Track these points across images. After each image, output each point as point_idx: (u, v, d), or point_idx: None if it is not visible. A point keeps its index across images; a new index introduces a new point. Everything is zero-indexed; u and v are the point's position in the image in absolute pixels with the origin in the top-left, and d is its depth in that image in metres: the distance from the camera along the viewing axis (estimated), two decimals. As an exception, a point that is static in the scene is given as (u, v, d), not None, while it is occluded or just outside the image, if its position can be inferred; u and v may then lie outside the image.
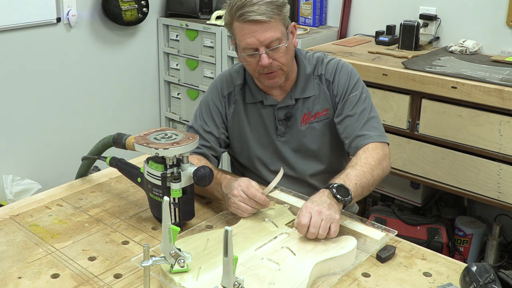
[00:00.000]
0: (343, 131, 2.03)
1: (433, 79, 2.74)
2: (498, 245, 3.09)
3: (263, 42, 1.88)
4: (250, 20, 1.86)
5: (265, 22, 1.86)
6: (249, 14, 1.85)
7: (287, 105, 2.07)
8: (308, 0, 3.84)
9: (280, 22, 1.91)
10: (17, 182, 3.58)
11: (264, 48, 1.89)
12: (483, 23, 3.20)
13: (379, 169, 1.88)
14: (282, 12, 1.92)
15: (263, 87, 2.08)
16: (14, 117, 3.60)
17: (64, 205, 1.93)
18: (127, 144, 1.83)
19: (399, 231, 1.74)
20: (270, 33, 1.88)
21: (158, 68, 4.41)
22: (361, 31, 3.75)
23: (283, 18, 1.92)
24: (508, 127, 2.58)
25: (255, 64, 1.94)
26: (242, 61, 2.00)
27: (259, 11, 1.85)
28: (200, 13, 4.13)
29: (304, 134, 2.10)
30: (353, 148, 1.98)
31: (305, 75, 2.07)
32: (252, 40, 1.88)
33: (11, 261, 1.59)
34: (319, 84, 2.08)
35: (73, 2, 3.73)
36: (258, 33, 1.87)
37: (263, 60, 1.89)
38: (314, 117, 2.08)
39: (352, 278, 1.52)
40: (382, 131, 2.03)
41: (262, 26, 1.87)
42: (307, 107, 2.08)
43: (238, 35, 1.92)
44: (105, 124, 4.10)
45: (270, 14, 1.86)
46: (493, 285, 1.31)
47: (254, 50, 1.90)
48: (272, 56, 1.91)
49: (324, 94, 2.08)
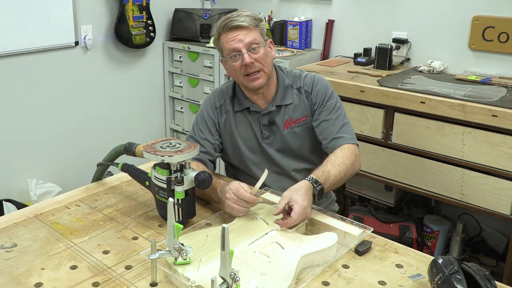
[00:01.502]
0: (321, 133, 2.08)
1: (404, 95, 2.75)
2: (461, 240, 3.10)
3: (244, 43, 1.98)
4: (233, 26, 1.98)
5: (246, 27, 1.99)
6: (232, 21, 1.98)
7: (270, 111, 2.11)
8: (295, 26, 3.86)
9: (258, 32, 2.02)
10: (40, 185, 3.56)
11: (246, 49, 1.98)
12: (449, 46, 3.22)
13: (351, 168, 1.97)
14: (259, 25, 2.04)
15: (249, 95, 2.11)
16: (38, 129, 3.59)
17: (81, 205, 1.93)
18: (136, 152, 1.83)
19: (375, 228, 1.74)
20: (251, 36, 1.99)
21: (164, 86, 4.41)
22: (342, 53, 3.76)
23: (260, 30, 2.04)
24: (470, 137, 2.59)
25: (239, 66, 2.00)
26: (229, 69, 2.07)
27: (240, 19, 1.98)
28: (200, 37, 4.14)
29: (286, 137, 2.13)
30: (330, 148, 2.03)
31: (283, 85, 2.13)
32: (235, 42, 1.98)
33: (35, 254, 1.59)
34: (298, 95, 2.13)
35: (89, 28, 3.73)
36: (240, 36, 1.98)
37: (246, 59, 1.97)
38: (294, 122, 2.13)
39: (334, 269, 1.53)
40: (354, 134, 2.10)
41: (243, 31, 1.98)
42: (288, 113, 2.12)
43: (224, 44, 2.01)
44: (117, 134, 4.10)
45: (250, 23, 1.99)
46: (456, 275, 1.31)
47: (238, 52, 1.98)
48: (253, 57, 1.98)
49: (303, 103, 2.12)
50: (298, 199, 1.67)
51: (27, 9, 3.32)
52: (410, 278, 1.48)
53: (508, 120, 2.45)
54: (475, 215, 3.21)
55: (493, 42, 3.02)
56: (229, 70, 2.08)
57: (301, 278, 1.47)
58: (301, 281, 1.45)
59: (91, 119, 3.93)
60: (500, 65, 3.05)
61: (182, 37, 4.20)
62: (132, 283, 1.45)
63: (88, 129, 3.93)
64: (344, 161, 1.92)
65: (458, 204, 2.74)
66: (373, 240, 1.69)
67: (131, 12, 3.82)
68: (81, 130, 3.88)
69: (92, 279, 1.47)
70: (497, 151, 2.52)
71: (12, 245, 1.64)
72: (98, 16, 3.79)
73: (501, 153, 2.51)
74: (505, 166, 2.52)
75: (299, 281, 1.45)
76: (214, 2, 4.49)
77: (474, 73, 3.09)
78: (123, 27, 3.83)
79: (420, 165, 2.81)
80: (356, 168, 2.00)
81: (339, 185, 1.94)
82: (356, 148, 2.03)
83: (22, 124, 3.50)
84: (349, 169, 1.93)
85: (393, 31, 3.43)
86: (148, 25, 3.96)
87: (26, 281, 1.46)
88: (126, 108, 4.18)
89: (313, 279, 1.47)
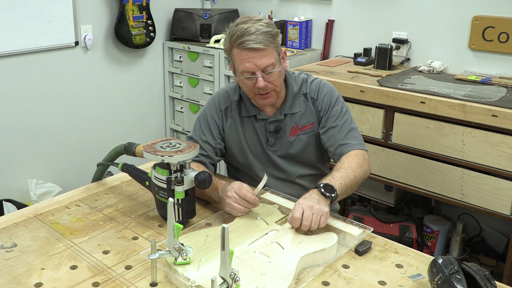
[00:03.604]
0: (327, 140, 2.05)
1: (404, 95, 2.75)
2: (461, 240, 3.10)
3: (259, 66, 1.89)
4: (248, 48, 1.86)
5: (262, 50, 1.87)
6: (248, 42, 1.86)
7: (277, 119, 2.09)
8: (295, 26, 3.86)
9: (274, 49, 1.92)
10: (40, 185, 3.56)
11: (260, 72, 1.90)
12: (449, 46, 3.22)
13: (361, 171, 1.91)
14: (276, 41, 1.92)
15: (256, 104, 2.08)
16: (38, 128, 3.59)
17: (81, 205, 1.93)
18: (136, 152, 1.83)
19: (375, 228, 1.74)
20: (266, 59, 1.89)
21: (164, 86, 4.41)
22: (341, 53, 3.76)
23: (276, 45, 1.93)
24: (470, 137, 2.59)
25: (252, 86, 1.95)
26: (240, 83, 2.00)
27: (257, 40, 1.86)
28: (200, 37, 4.13)
29: (292, 144, 2.11)
30: (337, 155, 2.00)
31: (292, 93, 2.09)
32: (250, 65, 1.89)
33: (35, 254, 1.59)
34: (305, 101, 2.10)
35: (89, 28, 3.73)
36: (255, 59, 1.88)
37: (259, 83, 1.91)
38: (301, 130, 2.10)
39: (334, 269, 1.53)
40: (361, 139, 2.06)
41: (259, 53, 1.88)
42: (295, 121, 2.10)
43: (237, 60, 1.92)
44: (117, 135, 4.10)
45: (266, 43, 1.87)
46: (456, 275, 1.31)
47: (251, 73, 1.91)
48: (267, 79, 1.92)
49: (310, 110, 2.10)
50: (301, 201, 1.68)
51: (27, 9, 3.32)
52: (410, 278, 1.48)
53: (508, 120, 2.45)
54: (475, 215, 3.21)
55: (493, 42, 3.02)
56: (240, 83, 2.02)
57: (301, 278, 1.47)
58: (301, 281, 1.45)
59: (91, 119, 3.93)
60: (500, 65, 3.05)
61: (182, 37, 4.20)
62: (132, 283, 1.45)
63: (88, 129, 3.93)
64: (351, 165, 1.90)
65: (458, 204, 2.74)
66: (373, 240, 1.69)
67: (131, 12, 3.82)
68: (81, 130, 3.88)
69: (92, 279, 1.47)
70: (497, 151, 2.52)
71: (12, 245, 1.64)
72: (98, 16, 3.79)
73: (501, 153, 2.51)
74: (505, 166, 2.52)
75: (299, 281, 1.45)
76: (214, 2, 4.49)
77: (474, 73, 3.09)
78: (123, 27, 3.83)
79: (420, 165, 2.81)
80: (365, 170, 1.95)
81: (351, 188, 1.87)
82: (364, 153, 2.00)
83: (22, 124, 3.50)
84: (358, 172, 1.89)
85: (393, 31, 3.43)
86: (148, 25, 3.96)
87: (26, 281, 1.46)
88: (126, 108, 4.17)
89: (313, 279, 1.47)
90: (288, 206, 1.85)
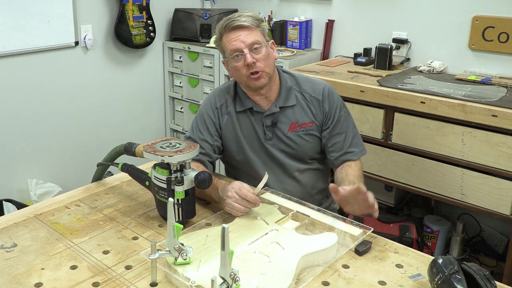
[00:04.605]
0: (331, 145, 2.13)
1: (404, 95, 2.75)
2: (461, 240, 3.10)
3: (245, 43, 1.99)
4: (235, 26, 1.99)
5: (248, 27, 2.00)
6: (234, 21, 1.99)
7: (273, 112, 2.11)
8: (295, 26, 3.86)
9: (259, 32, 2.03)
10: (40, 185, 3.56)
11: (248, 49, 1.98)
12: (448, 46, 3.22)
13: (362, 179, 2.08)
14: (261, 26, 2.05)
15: (252, 96, 2.11)
16: (38, 128, 3.59)
17: (81, 205, 1.93)
18: (136, 152, 1.83)
19: (375, 228, 1.74)
20: (252, 37, 1.99)
21: (164, 86, 4.41)
22: (341, 53, 3.76)
23: (262, 30, 2.05)
24: (470, 137, 2.59)
25: (242, 66, 2.01)
26: (231, 70, 2.07)
27: (242, 19, 1.99)
28: (200, 37, 4.14)
29: (290, 139, 2.13)
30: (340, 161, 2.12)
31: (286, 87, 2.13)
32: (237, 43, 1.99)
33: (35, 254, 1.59)
34: (304, 99, 2.13)
35: (89, 28, 3.73)
36: (241, 37, 1.99)
37: (248, 59, 1.98)
38: (300, 127, 2.13)
39: (334, 269, 1.53)
40: (363, 144, 2.19)
41: (245, 31, 2.00)
42: (294, 117, 2.12)
43: (226, 45, 2.02)
44: (117, 135, 4.10)
45: (252, 23, 2.01)
46: (456, 275, 1.31)
47: (240, 52, 1.99)
48: (255, 57, 1.99)
49: (311, 109, 2.13)
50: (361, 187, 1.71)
51: (27, 9, 3.32)
52: (410, 278, 1.48)
53: (508, 120, 2.45)
54: (475, 215, 3.21)
55: (493, 42, 3.02)
56: (231, 71, 2.08)
57: (301, 278, 1.47)
58: (301, 281, 1.45)
59: (91, 119, 3.93)
60: (500, 65, 3.05)
61: (182, 37, 4.20)
62: (132, 283, 1.45)
63: (88, 129, 3.93)
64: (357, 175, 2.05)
65: (458, 204, 2.73)
66: (373, 240, 1.69)
67: (131, 12, 3.82)
68: (81, 130, 3.88)
69: (92, 279, 1.47)
70: (497, 151, 2.52)
71: (12, 245, 1.64)
72: (98, 16, 3.79)
73: (501, 153, 2.51)
74: (505, 166, 2.52)
75: (299, 281, 1.45)
76: (214, 2, 4.49)
77: (474, 73, 3.09)
78: (123, 27, 3.83)
79: (420, 165, 2.81)
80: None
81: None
82: (361, 161, 2.16)
83: (22, 124, 3.50)
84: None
85: (393, 31, 3.43)
86: (148, 25, 3.96)
87: (26, 281, 1.46)
88: (126, 108, 4.18)
89: (313, 279, 1.47)
90: (288, 206, 1.84)
